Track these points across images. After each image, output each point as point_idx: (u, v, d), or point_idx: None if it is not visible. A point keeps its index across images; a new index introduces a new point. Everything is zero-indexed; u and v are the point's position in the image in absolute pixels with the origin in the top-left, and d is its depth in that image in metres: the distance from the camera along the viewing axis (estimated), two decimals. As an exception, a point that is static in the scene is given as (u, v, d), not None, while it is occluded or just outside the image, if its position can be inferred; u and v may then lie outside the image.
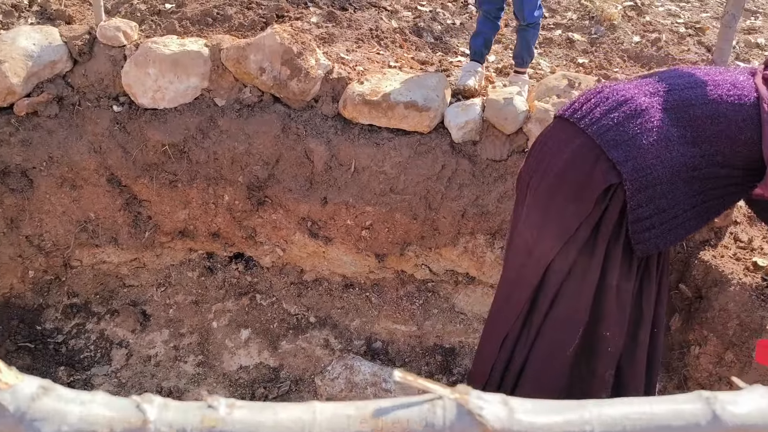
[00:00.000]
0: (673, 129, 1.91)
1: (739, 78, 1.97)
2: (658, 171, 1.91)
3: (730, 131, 1.90)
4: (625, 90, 2.00)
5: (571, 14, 4.24)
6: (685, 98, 1.94)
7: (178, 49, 2.97)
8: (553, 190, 2.03)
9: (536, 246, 2.09)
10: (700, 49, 3.89)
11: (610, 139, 1.92)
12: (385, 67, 3.38)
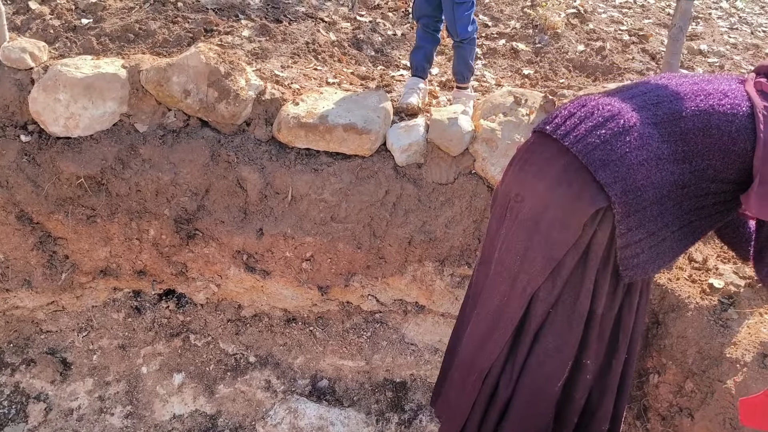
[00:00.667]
0: (663, 145, 1.79)
1: (730, 87, 1.86)
2: (648, 192, 1.78)
3: (722, 143, 1.79)
4: (612, 104, 1.87)
5: (514, 23, 4.12)
6: (675, 111, 1.82)
7: (92, 71, 2.69)
8: (537, 216, 1.88)
9: (519, 275, 1.93)
10: (645, 57, 3.83)
11: (597, 158, 1.78)
12: (322, 84, 3.18)
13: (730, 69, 3.71)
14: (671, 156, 1.77)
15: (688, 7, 2.44)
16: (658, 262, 1.88)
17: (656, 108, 1.82)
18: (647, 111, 1.81)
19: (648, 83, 1.94)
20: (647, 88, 1.89)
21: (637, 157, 1.75)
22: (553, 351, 1.96)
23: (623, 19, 4.23)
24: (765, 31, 4.24)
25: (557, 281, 1.88)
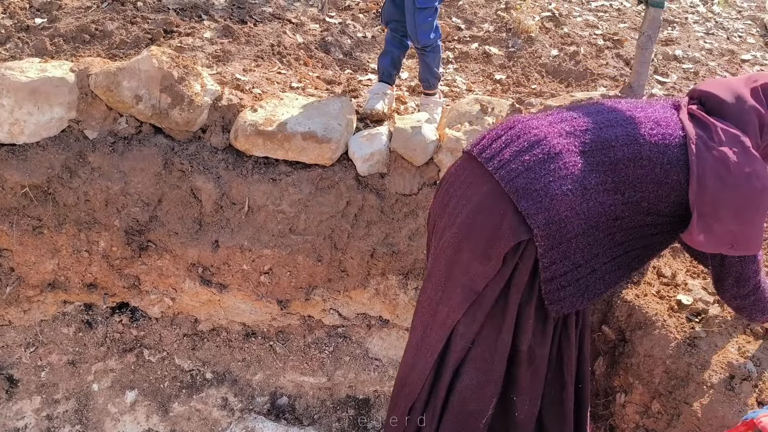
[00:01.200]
0: (591, 175, 1.68)
1: (663, 114, 1.76)
2: (573, 224, 1.68)
3: (654, 174, 1.69)
4: (539, 128, 1.76)
5: (488, 26, 4.03)
6: (604, 139, 1.71)
7: (38, 75, 2.56)
8: (458, 244, 1.77)
9: (440, 306, 1.83)
10: (619, 62, 3.75)
11: (520, 186, 1.67)
12: (286, 89, 3.07)
13: (705, 75, 3.64)
14: (599, 186, 1.67)
15: (657, 16, 2.36)
16: (587, 295, 1.79)
17: (585, 135, 1.71)
18: (575, 138, 1.70)
19: (580, 108, 1.84)
20: (578, 114, 1.78)
21: (561, 187, 1.64)
22: (475, 387, 1.85)
23: (598, 23, 4.16)
24: (741, 36, 4.18)
25: (477, 315, 1.78)
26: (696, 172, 1.64)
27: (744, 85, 1.77)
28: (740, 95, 1.73)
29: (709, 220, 1.67)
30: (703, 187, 1.65)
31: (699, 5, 4.61)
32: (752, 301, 1.84)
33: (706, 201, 1.66)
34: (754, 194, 1.66)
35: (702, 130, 1.70)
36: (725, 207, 1.66)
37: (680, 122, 1.73)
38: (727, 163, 1.64)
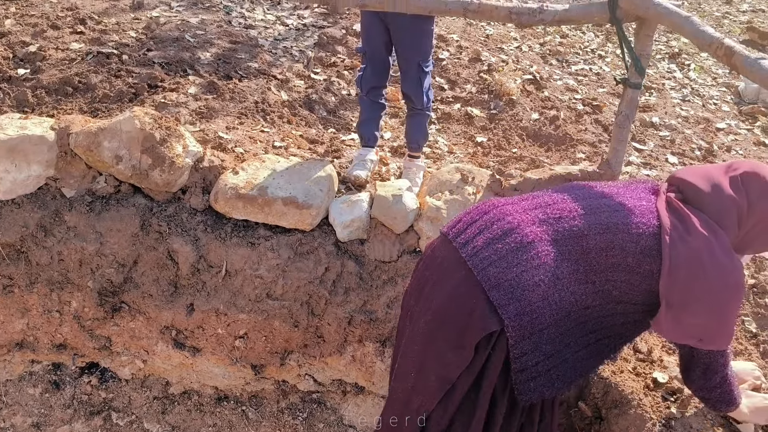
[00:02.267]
0: (563, 264, 1.68)
1: (639, 202, 1.76)
2: (545, 315, 1.67)
3: (627, 264, 1.68)
4: (513, 216, 1.76)
5: (470, 87, 4.10)
6: (576, 227, 1.71)
7: (17, 133, 2.54)
8: (432, 331, 1.75)
9: (413, 395, 1.81)
10: (598, 128, 3.82)
11: (492, 276, 1.66)
12: (269, 148, 3.07)
13: (681, 143, 3.72)
14: (571, 276, 1.67)
15: (635, 97, 2.42)
16: (557, 385, 1.77)
17: (558, 223, 1.71)
18: (548, 226, 1.71)
19: (555, 193, 1.85)
20: (552, 200, 1.79)
21: (533, 277, 1.64)
22: None
23: (578, 87, 4.25)
24: (716, 104, 4.29)
25: (449, 406, 1.75)
26: (668, 264, 1.64)
27: (723, 173, 1.77)
28: (719, 185, 1.73)
29: (678, 312, 1.67)
30: (674, 279, 1.65)
31: (676, 71, 4.74)
32: (718, 394, 1.84)
33: (676, 293, 1.66)
34: (726, 289, 1.67)
35: (678, 221, 1.70)
36: (695, 300, 1.66)
37: (656, 211, 1.73)
38: (701, 257, 1.65)
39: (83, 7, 3.95)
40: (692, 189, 1.76)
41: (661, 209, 1.73)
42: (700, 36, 1.94)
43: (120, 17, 3.95)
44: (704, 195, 1.73)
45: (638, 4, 2.17)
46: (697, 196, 1.74)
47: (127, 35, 3.75)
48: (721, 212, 1.71)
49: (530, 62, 4.48)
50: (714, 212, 1.71)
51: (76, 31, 3.67)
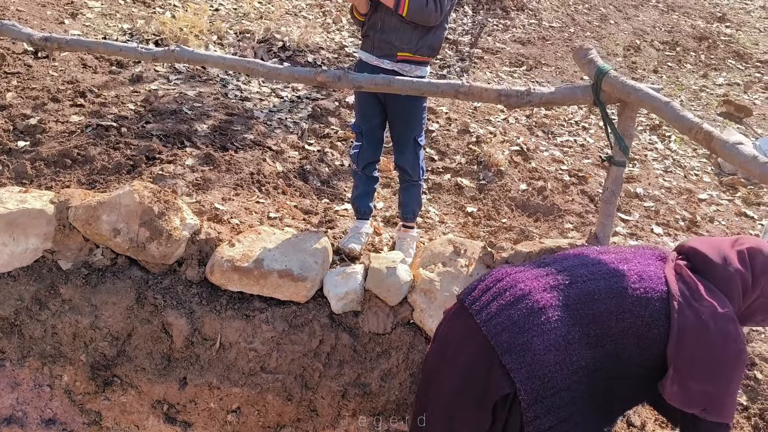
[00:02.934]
0: (574, 329, 1.74)
1: (647, 268, 1.84)
2: (557, 378, 1.72)
3: (636, 328, 1.75)
4: (525, 282, 1.85)
5: (460, 158, 4.22)
6: (587, 292, 1.79)
7: (17, 206, 2.58)
8: (455, 395, 1.85)
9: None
10: (584, 199, 3.93)
11: (504, 341, 1.74)
12: (264, 219, 3.12)
13: (665, 214, 3.83)
14: (582, 340, 1.74)
15: (620, 174, 2.51)
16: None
17: (569, 288, 1.79)
18: (559, 291, 1.79)
19: (565, 259, 1.94)
20: (562, 266, 1.88)
21: (544, 342, 1.71)
22: None
23: (564, 158, 4.38)
24: (697, 175, 4.43)
25: None
26: (676, 329, 1.71)
27: (730, 247, 1.87)
28: (727, 257, 1.83)
29: (685, 377, 1.72)
30: (682, 344, 1.71)
31: (657, 142, 4.91)
32: None
33: (683, 357, 1.72)
34: (730, 356, 1.73)
35: (686, 288, 1.78)
36: (702, 366, 1.72)
37: (664, 277, 1.81)
38: (707, 324, 1.71)
39: (84, 80, 4.06)
40: (703, 259, 1.85)
41: (669, 275, 1.81)
42: (680, 121, 2.05)
43: (119, 90, 4.07)
44: (714, 266, 1.82)
45: (620, 89, 2.29)
46: (707, 266, 1.83)
47: (126, 108, 3.85)
48: (728, 283, 1.80)
49: (517, 134, 4.62)
50: (721, 282, 1.80)
51: (76, 103, 3.77)
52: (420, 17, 2.50)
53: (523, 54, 6.38)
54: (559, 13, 7.59)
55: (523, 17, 7.27)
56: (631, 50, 6.89)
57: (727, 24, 7.98)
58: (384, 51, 2.66)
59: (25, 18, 4.68)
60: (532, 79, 5.86)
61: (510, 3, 7.35)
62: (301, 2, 6.63)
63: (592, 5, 7.98)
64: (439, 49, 2.73)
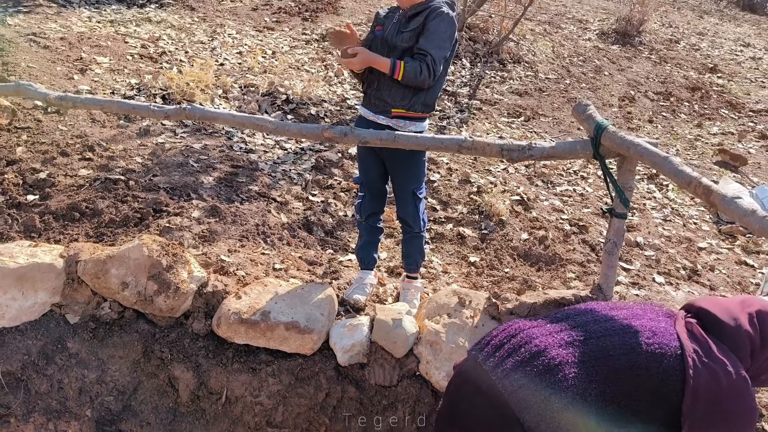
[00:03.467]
0: (591, 386, 1.76)
1: (659, 324, 1.87)
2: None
3: (651, 383, 1.77)
4: (540, 338, 1.86)
5: (461, 208, 4.27)
6: (602, 347, 1.81)
7: (27, 261, 2.61)
8: None
9: None
10: (585, 248, 3.97)
11: (522, 398, 1.74)
12: (269, 270, 3.15)
13: (666, 263, 3.86)
14: (599, 396, 1.75)
15: (621, 226, 2.56)
16: None
17: (584, 345, 1.82)
18: (575, 348, 1.81)
19: (579, 315, 1.96)
20: (576, 322, 1.91)
21: (563, 399, 1.72)
22: None
23: (564, 208, 4.44)
24: (696, 223, 4.49)
25: None
26: (692, 385, 1.72)
27: (740, 309, 1.91)
28: (738, 319, 1.86)
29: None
30: (697, 400, 1.72)
31: (655, 191, 4.98)
32: None
33: (697, 414, 1.73)
34: (744, 414, 1.74)
35: (698, 345, 1.80)
36: (715, 423, 1.73)
37: (676, 334, 1.83)
38: (720, 381, 1.73)
39: (92, 134, 4.15)
40: (714, 319, 1.88)
41: (681, 333, 1.84)
42: (679, 175, 2.10)
43: (127, 143, 4.15)
44: (725, 326, 1.85)
45: (619, 144, 2.35)
46: (718, 326, 1.86)
47: (133, 161, 3.92)
48: (737, 343, 1.83)
49: (517, 183, 4.70)
50: (731, 342, 1.83)
51: (85, 157, 3.84)
52: (414, 82, 2.58)
53: (520, 105, 6.52)
54: (555, 65, 7.79)
55: (520, 69, 7.46)
56: (626, 101, 7.04)
57: (718, 74, 8.19)
58: (379, 107, 2.74)
59: (35, 74, 4.80)
60: (530, 129, 5.98)
61: (507, 56, 7.55)
62: (304, 56, 6.81)
63: (586, 57, 8.20)
64: (433, 106, 2.80)
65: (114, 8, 7.25)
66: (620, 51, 8.80)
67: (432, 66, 2.55)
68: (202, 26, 7.17)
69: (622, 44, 9.09)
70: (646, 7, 9.36)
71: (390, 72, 2.56)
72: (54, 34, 5.72)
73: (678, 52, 9.11)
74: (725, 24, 11.99)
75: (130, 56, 5.68)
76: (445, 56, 2.63)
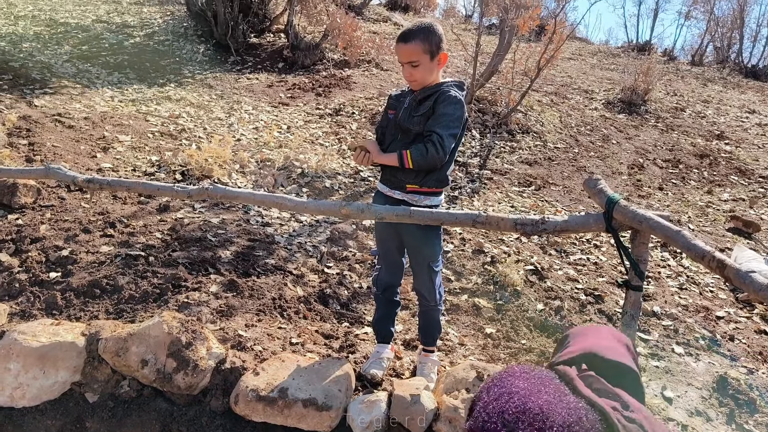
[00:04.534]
0: None
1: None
2: None
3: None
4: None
5: (476, 278, 4.29)
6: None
7: (49, 340, 2.65)
8: None
9: None
10: (602, 318, 3.95)
11: None
12: (286, 345, 3.16)
13: (685, 333, 3.83)
14: None
15: (638, 298, 2.57)
16: None
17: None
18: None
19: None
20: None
21: None
22: None
23: (579, 277, 4.44)
24: (712, 291, 4.47)
25: None
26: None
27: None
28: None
29: None
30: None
31: (669, 259, 4.98)
32: None
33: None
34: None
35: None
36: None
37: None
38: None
39: (113, 210, 4.26)
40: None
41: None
42: (692, 249, 2.13)
43: (147, 219, 4.25)
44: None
45: (631, 218, 2.40)
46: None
47: (153, 237, 4.01)
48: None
49: (531, 253, 4.73)
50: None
51: (106, 234, 3.94)
52: (425, 164, 2.64)
53: (530, 174, 6.63)
54: (563, 135, 7.95)
55: (529, 139, 7.62)
56: (635, 168, 7.14)
57: (726, 141, 8.31)
58: (395, 184, 2.81)
59: (60, 153, 4.98)
60: (542, 198, 6.05)
61: (515, 126, 7.73)
62: (318, 130, 7.02)
63: (593, 127, 8.37)
64: (447, 181, 2.86)
65: (135, 87, 7.55)
66: (627, 120, 8.98)
67: (439, 142, 2.59)
68: (220, 103, 7.44)
69: (629, 113, 9.28)
70: (650, 77, 9.61)
71: (400, 165, 2.65)
72: (78, 113, 5.95)
73: (684, 119, 9.28)
74: (729, 91, 12.24)
75: (151, 134, 5.88)
76: (454, 134, 2.70)
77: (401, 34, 2.67)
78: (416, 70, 2.65)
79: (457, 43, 12.12)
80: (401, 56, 2.66)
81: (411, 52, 2.62)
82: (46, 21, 9.85)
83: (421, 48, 2.61)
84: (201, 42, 9.75)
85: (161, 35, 9.87)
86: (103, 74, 7.98)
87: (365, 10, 14.31)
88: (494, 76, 8.18)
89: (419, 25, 2.66)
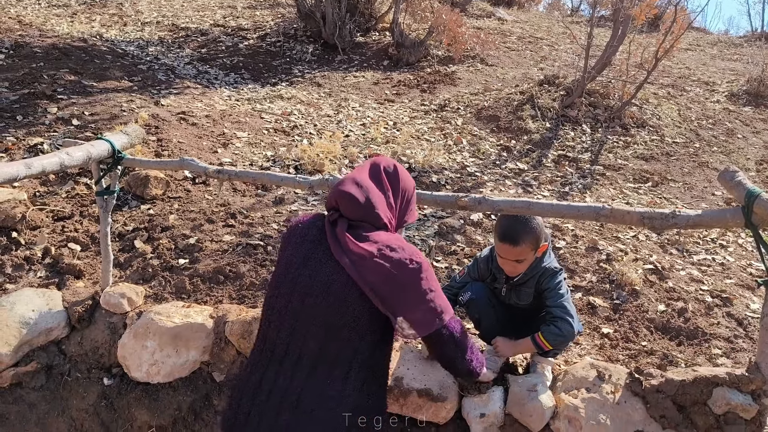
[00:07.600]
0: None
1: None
2: None
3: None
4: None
5: (590, 276, 4.14)
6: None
7: (182, 321, 2.82)
8: None
9: None
10: (731, 322, 3.69)
11: None
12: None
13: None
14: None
15: (780, 299, 2.38)
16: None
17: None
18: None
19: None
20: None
21: None
22: None
23: (703, 278, 4.18)
24: None
25: None
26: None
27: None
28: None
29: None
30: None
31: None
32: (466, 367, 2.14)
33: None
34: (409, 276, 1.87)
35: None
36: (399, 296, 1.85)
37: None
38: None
39: (234, 203, 4.48)
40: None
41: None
42: None
43: (264, 211, 4.43)
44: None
45: (775, 212, 2.22)
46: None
47: (270, 227, 4.18)
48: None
49: (649, 251, 4.49)
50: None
51: (228, 224, 4.14)
52: (564, 341, 2.71)
53: (647, 170, 6.31)
54: (682, 129, 7.50)
55: (644, 134, 7.25)
56: (764, 164, 6.62)
57: None
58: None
59: (185, 148, 5.30)
60: (659, 195, 5.74)
61: (629, 120, 7.38)
62: (423, 126, 7.03)
63: (716, 120, 7.84)
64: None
65: (250, 87, 7.90)
66: (753, 113, 8.34)
67: (562, 315, 2.64)
68: (328, 101, 7.63)
69: (755, 105, 8.61)
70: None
71: (539, 351, 2.73)
72: (200, 112, 6.30)
73: (820, 111, 8.49)
74: None
75: (266, 130, 6.13)
76: (566, 297, 2.72)
77: (506, 234, 2.60)
78: (521, 265, 2.68)
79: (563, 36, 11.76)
80: (507, 255, 2.64)
81: (520, 253, 2.62)
82: (169, 26, 10.51)
83: (530, 248, 2.62)
84: (310, 42, 10.04)
85: (273, 37, 10.25)
86: (220, 75, 8.41)
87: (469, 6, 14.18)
88: (606, 68, 7.85)
89: (525, 227, 2.61)
